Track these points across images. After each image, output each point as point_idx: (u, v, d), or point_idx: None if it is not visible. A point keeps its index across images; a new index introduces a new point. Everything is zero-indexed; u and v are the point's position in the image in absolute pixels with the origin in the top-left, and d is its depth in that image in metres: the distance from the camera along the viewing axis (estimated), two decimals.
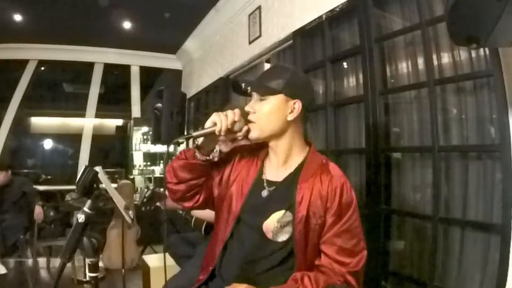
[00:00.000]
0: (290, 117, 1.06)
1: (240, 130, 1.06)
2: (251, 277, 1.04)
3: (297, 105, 1.05)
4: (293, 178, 1.08)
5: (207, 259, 1.19)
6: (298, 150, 1.11)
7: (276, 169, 1.12)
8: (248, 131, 1.07)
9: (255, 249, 1.06)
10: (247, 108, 1.09)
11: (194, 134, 1.05)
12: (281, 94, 1.05)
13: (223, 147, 1.67)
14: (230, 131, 1.04)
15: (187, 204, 1.17)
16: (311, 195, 1.03)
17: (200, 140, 1.08)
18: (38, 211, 3.34)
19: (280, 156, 1.11)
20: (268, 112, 1.05)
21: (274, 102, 1.05)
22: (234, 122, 1.03)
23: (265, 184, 1.10)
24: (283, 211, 1.04)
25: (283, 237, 1.04)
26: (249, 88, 1.09)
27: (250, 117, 1.07)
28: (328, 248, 1.02)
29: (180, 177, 1.10)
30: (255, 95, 1.09)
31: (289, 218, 1.03)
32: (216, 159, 1.16)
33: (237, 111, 1.05)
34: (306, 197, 1.03)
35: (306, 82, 1.14)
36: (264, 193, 1.09)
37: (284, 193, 1.07)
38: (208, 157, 1.10)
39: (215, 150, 1.12)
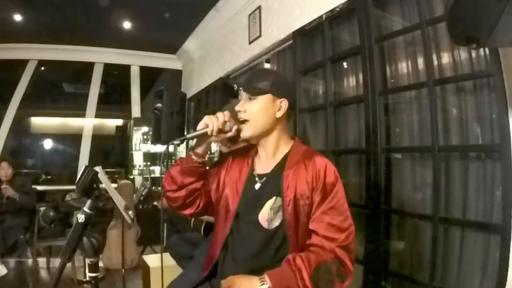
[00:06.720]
0: (279, 114, 1.16)
1: (231, 130, 1.14)
2: (253, 271, 1.06)
3: (284, 103, 1.16)
4: (280, 167, 1.17)
5: (208, 259, 1.24)
6: (284, 143, 1.21)
7: (266, 163, 1.21)
8: (239, 130, 1.16)
9: (254, 242, 1.12)
10: (237, 108, 1.17)
11: (188, 136, 1.14)
12: (269, 94, 1.15)
13: (224, 148, 1.69)
14: (221, 131, 1.12)
15: (188, 211, 1.22)
16: (296, 179, 1.12)
17: (193, 142, 1.16)
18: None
19: (269, 150, 1.20)
20: (257, 110, 1.15)
21: (262, 101, 1.15)
22: (224, 123, 1.12)
23: (256, 178, 1.19)
24: (274, 198, 1.12)
25: (276, 223, 1.11)
26: (240, 88, 1.19)
27: (241, 115, 1.16)
28: (317, 226, 1.09)
29: (180, 183, 1.16)
30: (244, 96, 1.18)
31: (279, 202, 1.11)
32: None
33: (226, 112, 1.14)
34: (293, 181, 1.12)
35: (289, 84, 1.34)
36: (257, 186, 1.17)
37: (273, 182, 1.15)
38: (203, 159, 1.17)
39: (209, 152, 1.16)
